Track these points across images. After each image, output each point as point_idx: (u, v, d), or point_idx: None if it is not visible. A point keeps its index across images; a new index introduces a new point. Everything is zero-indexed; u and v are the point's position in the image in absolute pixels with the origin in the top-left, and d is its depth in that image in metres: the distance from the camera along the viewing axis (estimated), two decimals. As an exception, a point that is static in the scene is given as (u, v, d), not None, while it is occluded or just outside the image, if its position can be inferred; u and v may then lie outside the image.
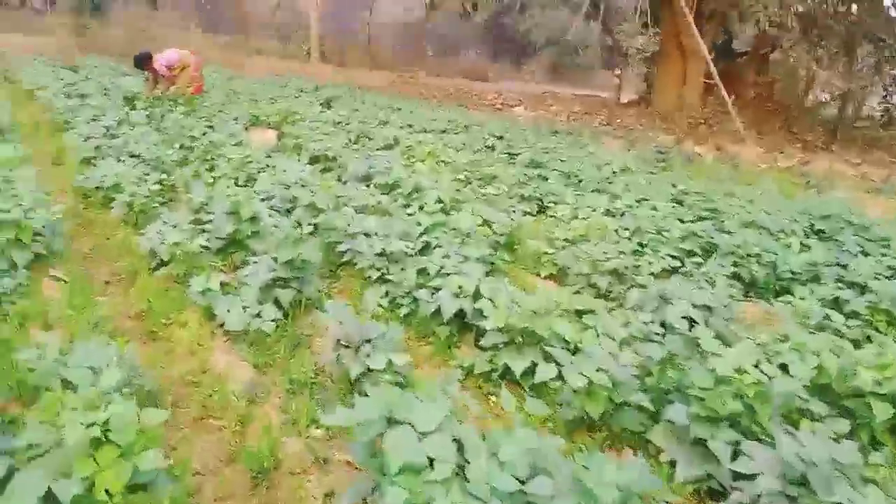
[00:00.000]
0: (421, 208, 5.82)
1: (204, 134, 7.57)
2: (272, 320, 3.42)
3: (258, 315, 3.43)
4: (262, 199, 5.63)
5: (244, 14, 27.42)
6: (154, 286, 3.98)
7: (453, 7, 34.20)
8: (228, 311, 3.45)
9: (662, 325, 3.91)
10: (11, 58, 14.35)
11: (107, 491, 1.87)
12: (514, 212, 6.35)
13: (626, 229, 5.77)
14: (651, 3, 15.79)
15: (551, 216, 6.74)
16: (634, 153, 11.94)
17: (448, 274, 3.94)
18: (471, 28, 42.83)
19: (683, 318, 3.88)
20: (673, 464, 2.76)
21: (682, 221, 6.31)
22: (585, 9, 17.05)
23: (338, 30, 35.53)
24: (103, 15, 24.92)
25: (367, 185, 6.84)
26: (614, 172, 9.07)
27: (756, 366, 2.82)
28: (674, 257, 5.30)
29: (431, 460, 1.91)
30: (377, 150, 9.01)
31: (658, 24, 16.52)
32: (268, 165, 6.73)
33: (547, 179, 8.10)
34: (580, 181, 8.30)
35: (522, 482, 1.92)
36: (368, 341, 3.06)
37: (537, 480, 1.93)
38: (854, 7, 17.00)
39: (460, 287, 3.71)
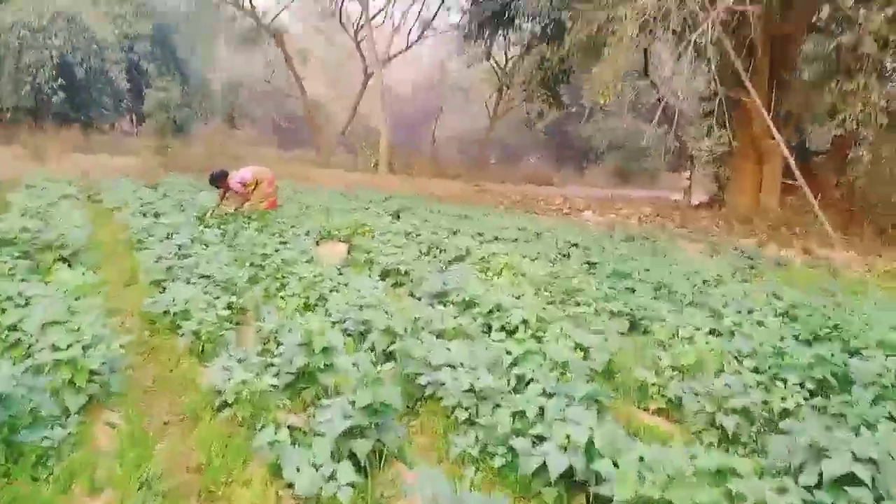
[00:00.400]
0: (504, 329, 5.32)
1: (276, 251, 7.39)
2: (348, 484, 2.88)
3: (332, 477, 2.90)
4: (334, 323, 5.25)
5: (318, 130, 28.73)
6: (216, 431, 3.53)
7: (517, 116, 35.21)
8: (298, 469, 2.94)
9: (819, 484, 3.17)
10: (99, 179, 15.10)
11: None
12: (606, 333, 5.75)
13: (740, 353, 5.06)
14: (722, 106, 15.51)
15: (647, 333, 6.11)
16: (719, 259, 11.22)
17: (550, 417, 3.35)
18: (532, 134, 43.78)
19: (843, 475, 3.13)
20: None
21: (801, 341, 5.55)
22: (658, 116, 17.00)
23: (405, 143, 36.96)
24: (185, 135, 26.60)
25: (443, 304, 6.41)
26: (705, 282, 8.39)
27: None
28: (802, 387, 4.53)
29: None
30: (450, 261, 8.68)
31: (728, 126, 16.18)
32: (339, 283, 6.42)
33: (634, 291, 7.50)
34: (671, 292, 7.65)
35: None
36: (467, 517, 2.48)
37: None
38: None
39: (568, 437, 3.11)
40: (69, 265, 6.60)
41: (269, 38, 28.65)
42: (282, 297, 6.33)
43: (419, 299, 6.86)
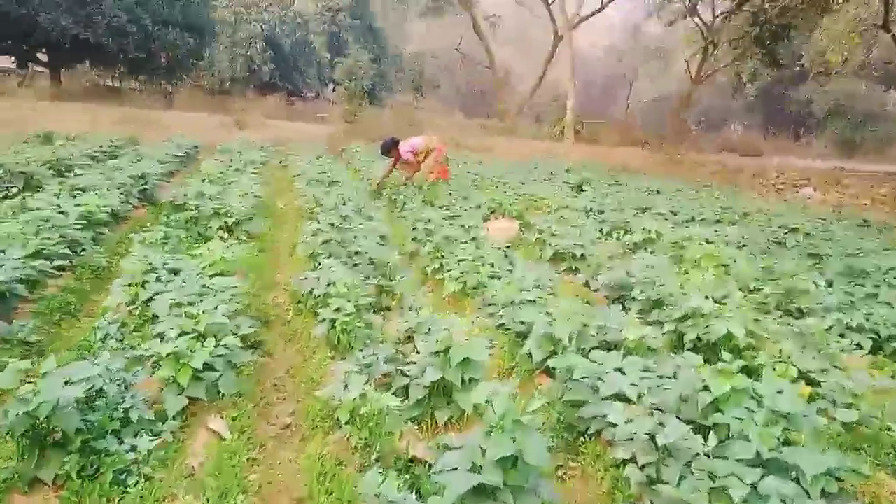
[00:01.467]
0: (700, 344, 4.18)
1: (440, 227, 6.77)
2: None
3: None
4: (491, 318, 4.47)
5: (503, 97, 28.00)
6: (330, 453, 2.93)
7: (721, 80, 31.61)
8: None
9: None
10: (295, 145, 15.70)
11: None
12: (840, 353, 4.33)
13: None
14: None
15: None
16: None
17: (769, 507, 2.27)
18: (738, 100, 39.23)
19: None
20: None
21: None
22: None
23: (596, 110, 35.00)
24: (377, 104, 27.30)
25: (623, 301, 5.35)
26: None
27: None
28: None
29: None
30: (635, 245, 7.50)
31: None
32: (502, 268, 5.62)
33: (877, 298, 5.81)
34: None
35: None
36: None
37: None
38: None
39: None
40: (231, 233, 6.53)
41: (456, 7, 28.31)
42: (437, 280, 5.70)
43: (595, 291, 5.86)
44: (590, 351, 3.70)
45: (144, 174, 8.23)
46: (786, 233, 8.60)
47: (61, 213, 5.68)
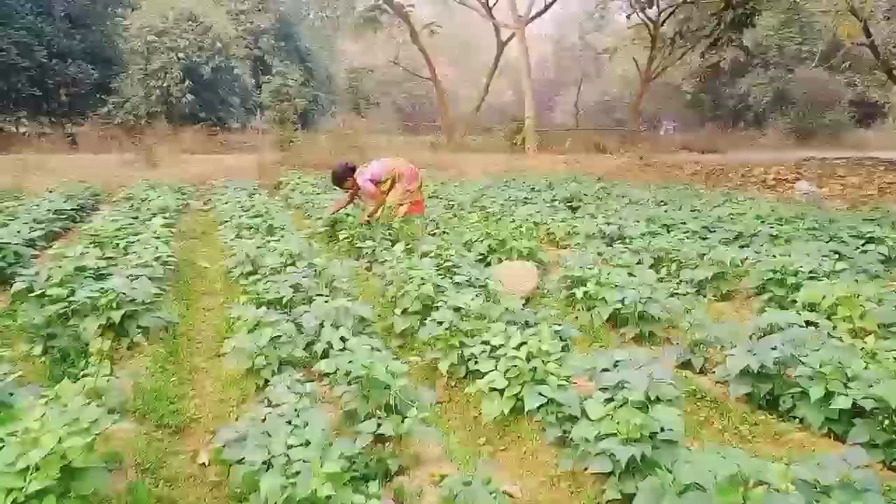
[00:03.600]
0: None
1: (442, 291, 4.54)
2: None
3: None
4: None
5: (446, 110, 25.95)
6: None
7: (668, 78, 30.58)
8: None
9: None
10: (221, 182, 13.18)
11: None
12: None
13: None
14: None
15: None
16: None
17: None
18: (673, 97, 38.42)
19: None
20: None
21: None
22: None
23: (542, 116, 33.45)
24: (311, 129, 24.81)
25: (772, 398, 3.26)
26: None
27: None
28: None
29: None
30: (699, 284, 5.47)
31: None
32: (552, 358, 3.43)
33: None
34: None
35: None
36: None
37: None
38: None
39: None
40: (119, 337, 4.13)
41: (390, 18, 26.27)
42: (458, 389, 3.48)
43: (724, 383, 3.70)
44: None
45: (2, 245, 5.70)
46: (863, 244, 6.75)
47: None
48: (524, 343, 3.38)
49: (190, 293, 5.86)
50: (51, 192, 10.20)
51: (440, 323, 3.89)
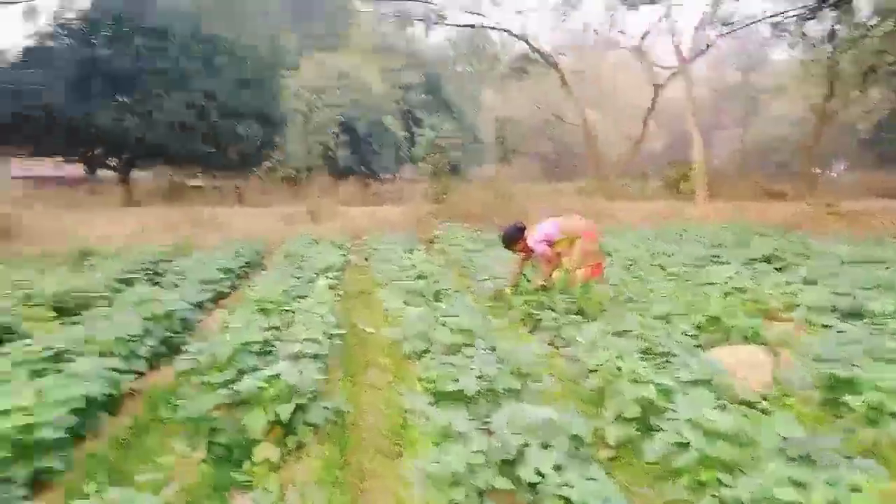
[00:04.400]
0: None
1: (665, 393, 3.59)
2: None
3: None
4: None
5: (595, 155, 24.82)
6: None
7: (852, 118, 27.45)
8: None
9: None
10: (377, 236, 13.08)
11: None
12: None
13: None
14: None
15: None
16: None
17: None
18: (844, 138, 34.34)
19: None
20: None
21: None
22: None
23: (684, 159, 31.36)
24: (459, 179, 24.74)
25: None
26: None
27: None
28: None
29: None
30: None
31: None
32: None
33: None
34: None
35: None
36: None
37: None
38: None
39: None
40: (287, 437, 3.57)
41: (539, 65, 25.92)
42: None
43: None
44: None
45: (170, 312, 5.51)
46: None
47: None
48: None
49: (355, 366, 5.33)
50: (219, 248, 10.44)
51: (683, 446, 2.95)
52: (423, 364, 4.55)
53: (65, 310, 6.20)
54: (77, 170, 23.85)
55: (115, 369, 4.07)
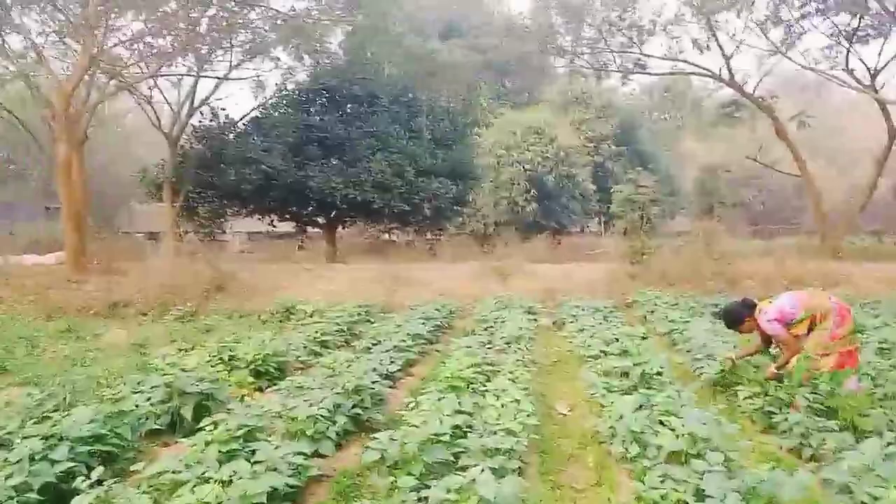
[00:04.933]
0: None
1: None
2: None
3: None
4: None
5: (819, 209, 21.81)
6: None
7: None
8: None
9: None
10: (568, 297, 12.44)
11: None
12: None
13: None
14: None
15: None
16: None
17: None
18: None
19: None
20: None
21: None
22: None
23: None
24: (653, 236, 23.19)
25: None
26: None
27: None
28: None
29: None
30: None
31: None
32: None
33: None
34: None
35: None
36: None
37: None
38: None
39: None
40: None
41: (750, 110, 23.83)
42: None
43: None
44: None
45: (359, 387, 5.31)
46: None
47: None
48: None
49: (553, 460, 4.69)
50: (413, 309, 10.50)
51: None
52: (637, 469, 3.83)
53: (264, 374, 6.35)
54: (286, 226, 26.09)
55: (302, 453, 3.86)
